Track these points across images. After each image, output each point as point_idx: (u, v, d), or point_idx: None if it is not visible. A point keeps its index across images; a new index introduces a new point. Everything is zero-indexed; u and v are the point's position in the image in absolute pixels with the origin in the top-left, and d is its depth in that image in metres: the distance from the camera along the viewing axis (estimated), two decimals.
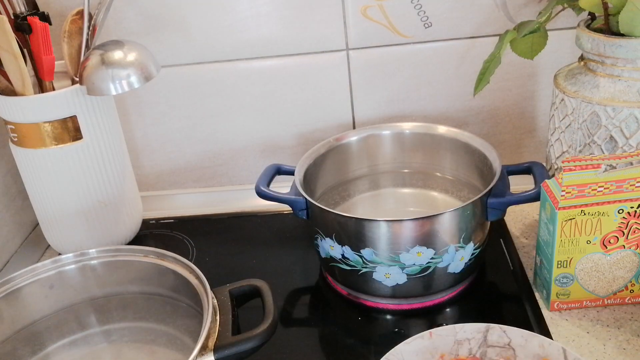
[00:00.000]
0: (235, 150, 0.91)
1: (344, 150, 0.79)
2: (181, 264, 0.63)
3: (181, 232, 0.85)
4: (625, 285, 0.62)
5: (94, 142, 0.73)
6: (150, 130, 0.90)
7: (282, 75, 0.85)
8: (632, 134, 0.61)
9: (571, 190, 0.57)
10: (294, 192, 0.69)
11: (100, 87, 0.68)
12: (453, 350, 0.56)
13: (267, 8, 0.81)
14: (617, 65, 0.62)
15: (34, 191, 0.76)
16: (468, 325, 0.56)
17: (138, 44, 0.71)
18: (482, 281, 0.71)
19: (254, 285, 0.60)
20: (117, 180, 0.77)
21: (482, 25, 0.80)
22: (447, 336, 0.56)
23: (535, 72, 0.83)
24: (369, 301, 0.68)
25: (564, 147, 0.67)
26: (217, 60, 0.85)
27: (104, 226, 0.77)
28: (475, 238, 0.65)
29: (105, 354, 0.65)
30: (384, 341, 0.63)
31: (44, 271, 0.65)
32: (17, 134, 0.71)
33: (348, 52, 0.83)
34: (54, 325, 0.66)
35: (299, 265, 0.77)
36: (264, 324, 0.55)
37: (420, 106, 0.87)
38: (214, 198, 0.92)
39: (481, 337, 0.56)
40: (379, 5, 0.80)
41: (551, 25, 0.70)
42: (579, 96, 0.63)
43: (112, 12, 0.77)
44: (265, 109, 0.88)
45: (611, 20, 0.62)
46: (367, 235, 0.62)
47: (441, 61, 0.83)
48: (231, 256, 0.80)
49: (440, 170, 0.80)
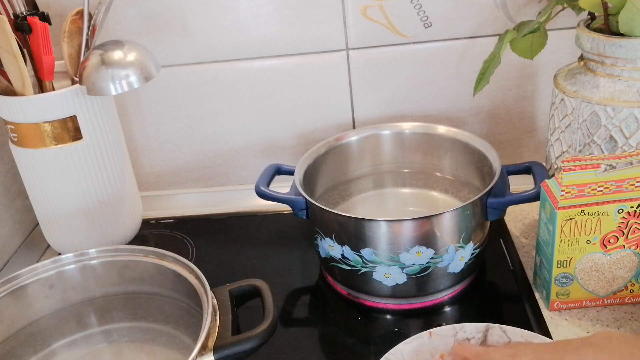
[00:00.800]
0: (235, 150, 0.91)
1: (344, 150, 0.79)
2: (181, 264, 0.63)
3: (181, 232, 0.85)
4: (625, 285, 0.62)
5: (94, 142, 0.73)
6: (150, 130, 0.90)
7: (282, 75, 0.85)
8: (632, 134, 0.61)
9: (571, 190, 0.57)
10: (294, 192, 0.69)
11: (100, 87, 0.68)
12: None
13: (267, 8, 0.81)
14: (617, 65, 0.62)
15: (34, 191, 0.76)
16: (468, 325, 0.56)
17: (138, 44, 0.71)
18: (482, 281, 0.71)
19: (254, 285, 0.60)
20: (117, 180, 0.77)
21: (482, 25, 0.80)
22: (446, 336, 0.56)
23: (535, 72, 0.83)
24: (369, 301, 0.68)
25: (564, 147, 0.67)
26: (217, 60, 0.85)
27: (104, 226, 0.77)
28: (475, 238, 0.65)
29: (105, 354, 0.65)
30: (383, 341, 0.63)
31: (44, 271, 0.65)
32: (17, 134, 0.71)
33: (348, 52, 0.83)
34: (54, 325, 0.66)
35: (299, 265, 0.77)
36: (264, 324, 0.55)
37: (420, 106, 0.87)
38: (214, 198, 0.92)
39: (481, 337, 0.56)
40: (378, 5, 0.80)
41: (551, 25, 0.70)
42: (578, 96, 0.63)
43: (112, 12, 0.77)
44: (265, 109, 0.88)
45: (611, 20, 0.62)
46: (367, 235, 0.62)
47: (441, 61, 0.83)
48: (231, 256, 0.80)
49: (440, 170, 0.80)
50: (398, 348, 0.55)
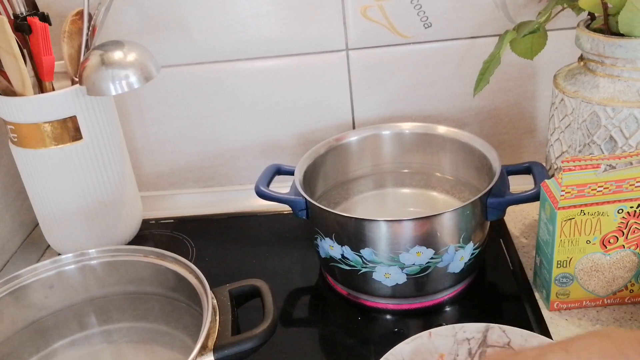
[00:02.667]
0: (235, 150, 0.91)
1: (344, 150, 0.79)
2: (181, 264, 0.63)
3: (181, 232, 0.85)
4: (624, 285, 0.62)
5: (94, 142, 0.73)
6: (150, 130, 0.90)
7: (282, 75, 0.85)
8: (632, 134, 0.61)
9: (571, 190, 0.57)
10: (294, 192, 0.69)
11: (100, 87, 0.68)
12: (453, 350, 0.56)
13: (267, 8, 0.81)
14: (617, 65, 0.62)
15: (34, 191, 0.76)
16: (468, 325, 0.56)
17: (138, 44, 0.71)
18: (482, 281, 0.71)
19: (254, 285, 0.60)
20: (117, 180, 0.77)
21: (482, 25, 0.80)
22: (446, 336, 0.56)
23: (535, 72, 0.83)
24: (369, 301, 0.68)
25: (564, 147, 0.67)
26: (217, 60, 0.85)
27: (104, 226, 0.77)
28: (475, 238, 0.65)
29: (105, 354, 0.65)
30: (383, 341, 0.63)
31: (44, 271, 0.65)
32: (17, 134, 0.71)
33: (348, 52, 0.83)
34: (54, 325, 0.66)
35: (299, 265, 0.77)
36: (264, 324, 0.55)
37: (420, 106, 0.87)
38: (214, 198, 0.92)
39: (481, 337, 0.56)
40: (378, 5, 0.80)
41: (551, 26, 0.70)
42: (578, 96, 0.63)
43: (112, 12, 0.77)
44: (265, 109, 0.88)
45: (611, 21, 0.62)
46: (367, 235, 0.62)
47: (441, 61, 0.83)
48: (231, 256, 0.80)
49: (440, 170, 0.80)
50: (398, 348, 0.55)
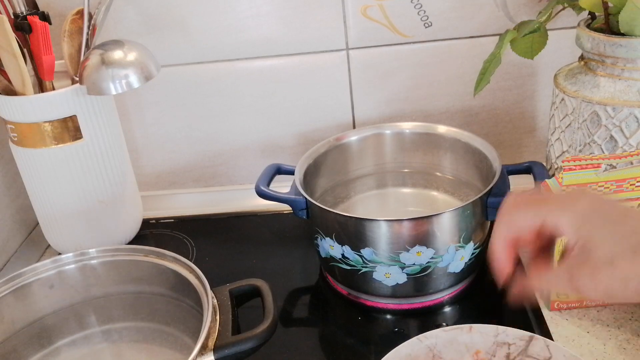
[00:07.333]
0: (235, 150, 0.91)
1: (344, 150, 0.79)
2: (181, 263, 0.63)
3: (181, 232, 0.85)
4: None
5: (94, 142, 0.73)
6: (150, 130, 0.90)
7: (282, 75, 0.85)
8: (632, 134, 0.61)
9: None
10: (294, 192, 0.69)
11: (100, 87, 0.68)
12: (490, 350, 0.55)
13: (267, 8, 0.81)
14: (617, 64, 0.62)
15: (34, 191, 0.76)
16: (511, 330, 0.55)
17: (138, 44, 0.71)
18: (482, 281, 0.71)
19: (254, 285, 0.60)
20: (117, 180, 0.77)
21: (482, 25, 0.80)
22: (487, 334, 0.55)
23: (535, 72, 0.83)
24: (369, 301, 0.68)
25: (564, 147, 0.67)
26: (217, 60, 0.85)
27: (104, 226, 0.77)
28: (475, 238, 0.65)
29: (105, 354, 0.65)
30: (384, 341, 0.63)
31: (44, 271, 0.65)
32: (17, 133, 0.71)
33: (348, 52, 0.83)
34: (54, 325, 0.66)
35: (299, 265, 0.77)
36: (264, 324, 0.55)
37: (420, 106, 0.87)
38: (214, 198, 0.92)
39: (523, 345, 0.54)
40: (379, 5, 0.80)
41: (551, 25, 0.70)
42: (579, 96, 0.63)
43: (112, 12, 0.77)
44: (265, 109, 0.88)
45: (611, 20, 0.62)
46: (367, 234, 0.62)
47: (441, 61, 0.83)
48: (231, 256, 0.80)
49: (441, 170, 0.80)
50: (434, 332, 0.55)
